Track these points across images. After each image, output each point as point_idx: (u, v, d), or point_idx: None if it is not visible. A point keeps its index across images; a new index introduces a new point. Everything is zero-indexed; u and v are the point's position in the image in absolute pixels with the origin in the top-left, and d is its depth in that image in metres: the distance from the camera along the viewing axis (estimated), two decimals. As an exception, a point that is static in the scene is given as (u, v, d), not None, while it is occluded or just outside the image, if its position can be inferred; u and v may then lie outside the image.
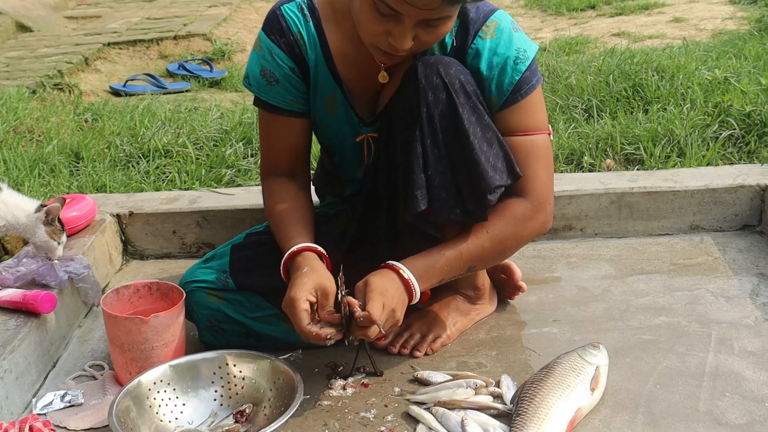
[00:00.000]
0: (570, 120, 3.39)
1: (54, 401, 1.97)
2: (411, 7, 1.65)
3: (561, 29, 6.25)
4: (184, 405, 1.88)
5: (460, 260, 1.91)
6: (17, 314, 2.07)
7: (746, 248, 2.52)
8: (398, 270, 1.86)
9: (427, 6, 1.65)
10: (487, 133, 1.87)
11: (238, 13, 6.84)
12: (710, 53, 4.17)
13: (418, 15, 1.68)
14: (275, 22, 1.96)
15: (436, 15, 1.68)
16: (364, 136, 2.06)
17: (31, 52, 5.65)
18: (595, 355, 1.90)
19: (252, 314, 2.08)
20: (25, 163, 3.28)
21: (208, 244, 2.71)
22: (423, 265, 1.88)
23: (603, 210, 2.64)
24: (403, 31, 1.71)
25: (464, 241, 1.91)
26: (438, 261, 1.89)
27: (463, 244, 1.91)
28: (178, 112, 4.05)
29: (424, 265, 1.89)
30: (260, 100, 2.04)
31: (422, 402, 1.89)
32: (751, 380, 1.89)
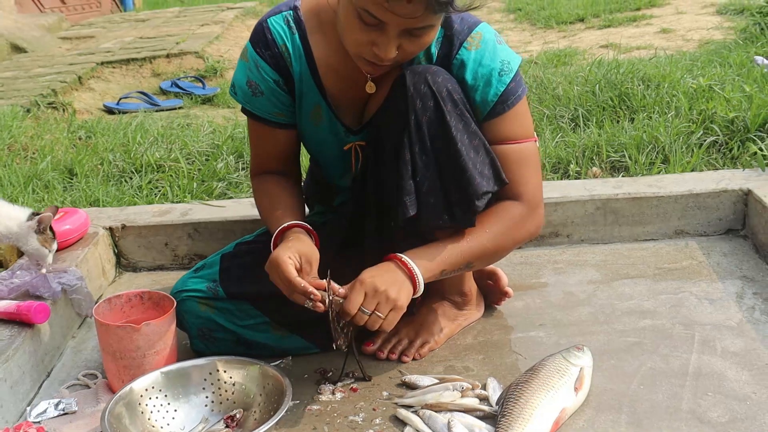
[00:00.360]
0: (557, 129, 3.43)
1: (48, 409, 2.00)
2: (394, 15, 1.69)
3: (550, 42, 6.31)
4: (175, 411, 1.90)
5: (461, 255, 1.94)
6: (11, 325, 2.10)
7: (730, 252, 2.56)
8: (399, 258, 1.89)
9: (411, 15, 1.68)
10: (474, 141, 1.91)
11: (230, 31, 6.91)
12: (696, 62, 4.22)
13: (401, 24, 1.71)
14: (261, 35, 2.00)
15: (419, 24, 1.72)
16: (352, 145, 2.09)
17: (26, 72, 5.70)
18: (579, 356, 1.93)
19: (242, 322, 2.11)
20: (20, 180, 3.31)
21: (199, 256, 2.74)
22: (424, 254, 1.92)
23: (589, 216, 2.68)
24: (387, 41, 1.75)
25: (465, 237, 1.95)
26: (439, 252, 1.93)
27: (464, 240, 1.95)
28: (170, 129, 4.09)
29: (426, 254, 1.92)
30: (247, 110, 2.09)
31: (410, 405, 1.91)
32: (733, 380, 1.92)
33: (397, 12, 1.68)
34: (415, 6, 1.66)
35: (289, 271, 1.82)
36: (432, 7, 1.67)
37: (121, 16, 8.73)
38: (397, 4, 1.66)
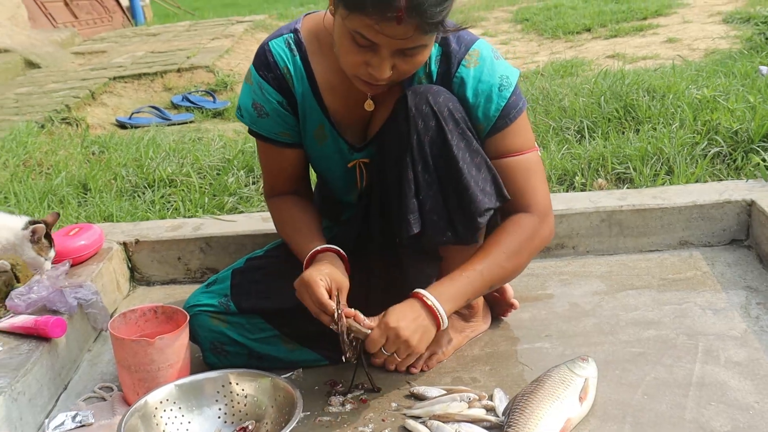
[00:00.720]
0: (563, 141, 3.47)
1: (65, 422, 2.05)
2: (386, 37, 1.72)
3: (557, 52, 6.36)
4: (189, 423, 1.95)
5: (482, 280, 1.97)
6: (29, 339, 2.15)
7: (734, 262, 2.59)
8: (422, 297, 1.91)
9: (402, 36, 1.72)
10: (476, 158, 1.95)
11: (240, 44, 6.98)
12: (701, 73, 4.26)
13: (393, 45, 1.75)
14: (263, 58, 2.05)
15: (411, 44, 1.76)
16: (356, 162, 2.14)
17: (40, 88, 5.78)
18: (583, 367, 1.97)
19: (253, 336, 2.16)
20: (35, 195, 3.38)
21: (211, 269, 2.79)
22: (447, 290, 1.94)
23: (594, 228, 2.72)
24: (380, 61, 1.79)
25: (482, 261, 1.97)
26: (462, 284, 1.95)
27: (483, 264, 1.97)
28: (182, 143, 4.16)
29: (448, 289, 1.94)
30: (254, 131, 2.14)
31: (418, 416, 1.96)
32: (736, 389, 1.96)
33: (388, 34, 1.72)
34: (405, 27, 1.70)
35: (321, 292, 1.87)
36: (422, 28, 1.71)
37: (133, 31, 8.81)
38: (388, 26, 1.70)
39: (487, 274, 1.96)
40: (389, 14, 1.67)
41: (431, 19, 1.70)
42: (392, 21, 1.68)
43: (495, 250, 1.98)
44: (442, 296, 1.91)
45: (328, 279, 1.90)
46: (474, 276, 1.95)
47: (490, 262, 1.97)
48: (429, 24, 1.71)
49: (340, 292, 1.91)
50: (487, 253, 1.98)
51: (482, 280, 1.96)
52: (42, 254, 2.32)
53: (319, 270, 1.91)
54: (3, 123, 4.71)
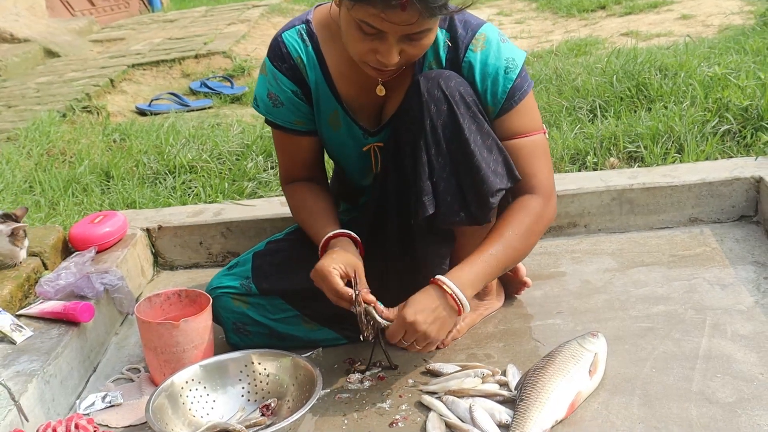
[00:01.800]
0: (576, 121, 3.51)
1: (96, 402, 2.14)
2: (392, 24, 1.78)
3: (571, 30, 6.37)
4: (214, 401, 2.03)
5: (497, 263, 2.02)
6: (59, 324, 2.24)
7: (743, 238, 2.64)
8: (441, 284, 1.96)
9: (407, 22, 1.77)
10: (487, 140, 2.01)
11: (257, 29, 7.02)
12: (713, 50, 4.27)
13: (399, 31, 1.81)
14: (277, 49, 2.12)
15: (416, 29, 1.81)
16: (371, 146, 2.21)
17: (60, 77, 5.86)
18: (593, 342, 2.03)
19: (274, 316, 2.23)
20: (59, 184, 3.46)
21: (233, 253, 2.87)
22: (465, 275, 1.98)
23: (605, 206, 2.77)
24: (388, 48, 1.85)
25: (496, 243, 2.02)
26: (478, 268, 1.99)
27: (496, 247, 2.02)
28: (201, 129, 4.22)
29: (467, 274, 1.98)
30: (269, 120, 2.21)
31: (434, 392, 2.03)
32: (742, 361, 2.01)
33: (393, 21, 1.77)
34: (409, 14, 1.75)
35: (336, 281, 1.94)
36: (426, 13, 1.76)
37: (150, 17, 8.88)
38: (393, 13, 1.75)
39: (501, 257, 2.02)
40: (393, 2, 1.73)
41: (434, 3, 1.75)
42: (396, 8, 1.74)
43: (507, 233, 2.03)
44: (462, 282, 1.96)
45: (342, 266, 1.96)
46: (489, 259, 2.00)
47: (503, 244, 2.02)
48: (432, 8, 1.76)
49: (356, 274, 1.98)
50: (500, 236, 2.03)
51: (497, 263, 2.02)
52: (18, 244, 2.40)
53: (332, 258, 1.98)
54: (26, 113, 4.79)
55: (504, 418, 1.87)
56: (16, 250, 2.41)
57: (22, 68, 6.42)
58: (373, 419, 1.97)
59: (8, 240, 2.38)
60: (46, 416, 2.00)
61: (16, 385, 1.94)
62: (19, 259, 2.44)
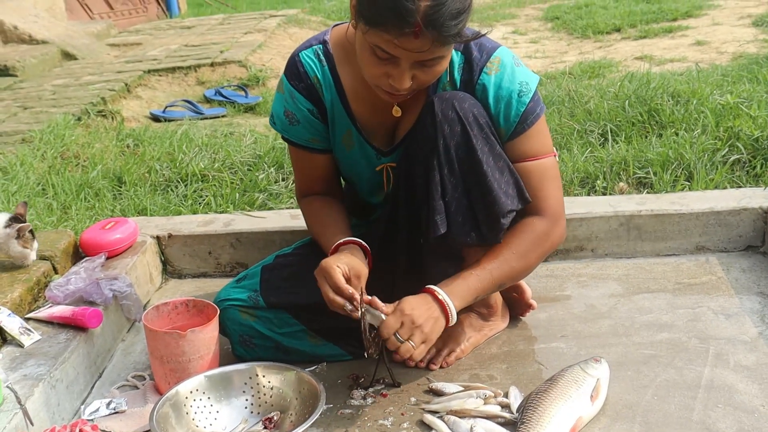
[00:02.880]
0: (586, 144, 3.53)
1: (100, 408, 2.15)
2: (404, 51, 1.81)
3: (586, 52, 6.39)
4: (218, 412, 2.05)
5: (491, 279, 2.06)
6: (67, 329, 2.26)
7: (749, 268, 2.65)
8: (434, 292, 2.01)
9: (419, 49, 1.80)
10: (499, 162, 2.03)
11: (273, 39, 7.06)
12: (726, 77, 4.29)
13: (412, 57, 1.84)
14: (294, 68, 2.15)
15: (429, 56, 1.84)
16: (383, 166, 2.23)
17: (76, 80, 5.89)
18: (596, 368, 2.04)
19: (280, 330, 2.25)
20: (72, 188, 3.49)
21: (241, 264, 2.89)
22: (457, 287, 2.03)
23: (613, 232, 2.78)
24: (400, 73, 1.87)
25: (493, 260, 2.06)
26: (472, 281, 2.04)
27: (493, 264, 2.06)
28: (214, 137, 4.25)
29: (458, 286, 2.03)
30: (286, 138, 2.23)
31: (435, 411, 2.04)
32: (744, 392, 2.02)
33: (406, 47, 1.81)
34: (422, 41, 1.78)
35: (337, 277, 1.96)
36: (439, 41, 1.80)
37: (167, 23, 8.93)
38: (406, 40, 1.79)
39: (496, 274, 2.05)
40: (407, 29, 1.76)
41: (447, 32, 1.78)
42: (410, 36, 1.77)
43: (505, 251, 2.07)
44: (453, 293, 2.01)
45: (346, 267, 1.99)
46: (483, 275, 2.04)
47: (500, 262, 2.06)
48: (445, 37, 1.79)
49: (358, 280, 2.00)
50: (498, 254, 2.07)
51: (491, 279, 2.05)
52: (27, 246, 2.42)
53: (338, 258, 2.01)
54: (41, 115, 4.83)
55: (505, 440, 1.88)
56: (26, 252, 2.43)
57: (39, 70, 6.46)
58: (374, 436, 1.99)
59: (17, 242, 2.39)
60: (51, 421, 2.02)
61: (22, 389, 1.96)
62: (29, 260, 2.46)
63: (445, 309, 1.99)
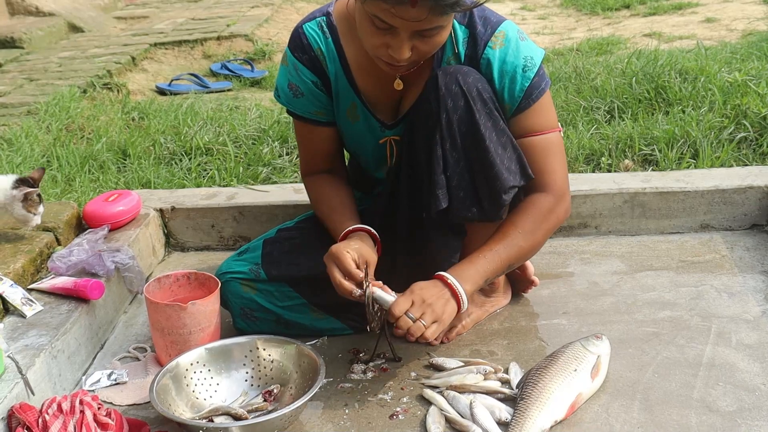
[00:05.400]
0: (592, 121, 3.51)
1: (101, 379, 2.17)
2: (402, 20, 1.79)
3: (594, 29, 6.34)
4: (218, 384, 2.06)
5: (500, 261, 2.05)
6: (69, 300, 2.27)
7: (753, 247, 2.64)
8: (444, 278, 2.00)
9: (417, 18, 1.78)
10: (502, 138, 2.02)
11: (280, 13, 7.02)
12: (735, 55, 4.25)
13: (410, 27, 1.82)
14: (298, 40, 2.14)
15: (427, 26, 1.82)
16: (387, 139, 2.22)
17: (82, 53, 5.88)
18: (597, 345, 2.04)
19: (282, 303, 2.25)
20: (77, 160, 3.48)
21: (244, 238, 2.89)
22: (466, 271, 2.02)
23: (617, 209, 2.77)
24: (400, 43, 1.85)
25: (500, 242, 2.06)
26: (481, 264, 2.03)
27: (501, 245, 2.05)
28: (219, 111, 4.23)
29: (468, 270, 2.02)
30: (290, 111, 2.23)
31: (435, 386, 2.04)
32: (745, 371, 2.02)
33: (404, 17, 1.78)
34: (419, 10, 1.76)
35: (348, 262, 1.95)
36: (436, 10, 1.77)
37: (174, -4, 8.87)
38: (403, 9, 1.76)
39: (504, 255, 2.04)
40: None
41: (444, 1, 1.76)
42: (406, 4, 1.75)
43: (512, 231, 2.05)
44: (462, 278, 2.00)
45: (356, 253, 1.98)
46: (492, 257, 2.03)
47: (508, 242, 2.05)
48: (442, 6, 1.77)
49: (368, 266, 1.99)
50: (505, 234, 2.05)
51: (500, 260, 2.04)
52: (32, 211, 2.40)
53: (348, 244, 2.01)
54: (47, 87, 4.81)
55: (504, 415, 1.88)
56: (29, 216, 2.41)
57: (45, 42, 6.44)
58: (373, 410, 1.99)
59: (21, 205, 2.38)
60: (53, 391, 2.02)
61: (24, 359, 1.97)
62: (32, 224, 2.43)
63: (456, 294, 1.98)
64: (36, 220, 2.44)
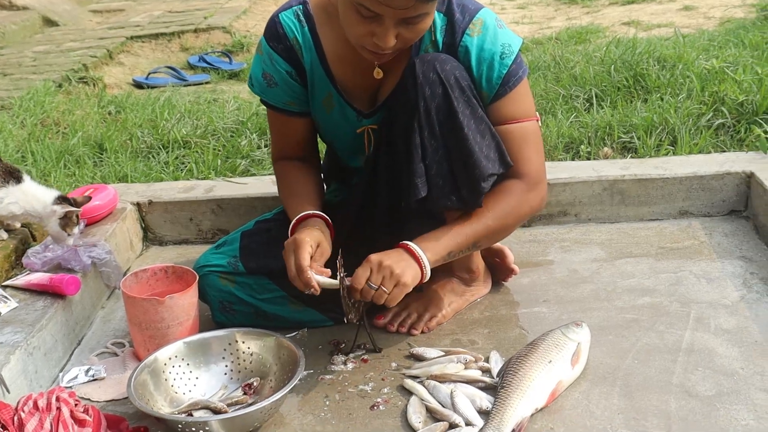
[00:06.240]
0: (571, 110, 3.51)
1: (79, 375, 2.14)
2: (389, 8, 1.78)
3: (573, 18, 6.34)
4: (197, 378, 2.04)
5: (466, 237, 2.05)
6: (45, 296, 2.24)
7: (731, 232, 2.64)
8: (407, 246, 2.00)
9: (403, 6, 1.78)
10: (480, 125, 2.01)
11: (258, 5, 6.98)
12: (713, 42, 4.26)
13: (396, 15, 1.81)
14: (273, 29, 2.12)
15: (413, 13, 1.82)
16: (364, 128, 2.20)
17: (57, 47, 5.82)
18: (577, 332, 2.04)
19: (260, 296, 2.23)
20: (52, 155, 3.45)
21: (222, 231, 2.87)
22: (431, 239, 2.02)
23: (596, 196, 2.77)
24: (384, 31, 1.85)
25: (469, 219, 2.06)
26: (445, 236, 2.03)
27: (469, 222, 2.05)
28: (197, 104, 4.21)
29: (432, 239, 2.02)
30: (264, 100, 2.21)
31: (416, 376, 2.04)
32: (723, 356, 2.02)
33: (390, 4, 1.78)
34: None
35: (304, 258, 1.94)
36: None
37: (151, -11, 8.80)
38: None
39: (471, 232, 2.05)
40: None
41: None
42: None
43: (483, 212, 2.06)
44: (425, 246, 2.00)
45: (316, 244, 1.98)
46: (458, 231, 2.04)
47: (476, 221, 2.05)
48: None
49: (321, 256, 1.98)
50: (475, 214, 2.06)
51: (466, 237, 2.04)
52: (67, 230, 2.38)
53: (310, 235, 1.98)
54: (21, 81, 4.76)
55: (485, 404, 1.88)
56: (63, 234, 2.38)
57: (20, 36, 6.37)
58: (354, 401, 1.98)
59: (58, 222, 2.36)
60: (29, 388, 2.00)
61: (-1, 356, 1.94)
62: (66, 243, 2.40)
63: (418, 260, 1.97)
64: (69, 240, 2.41)
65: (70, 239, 2.40)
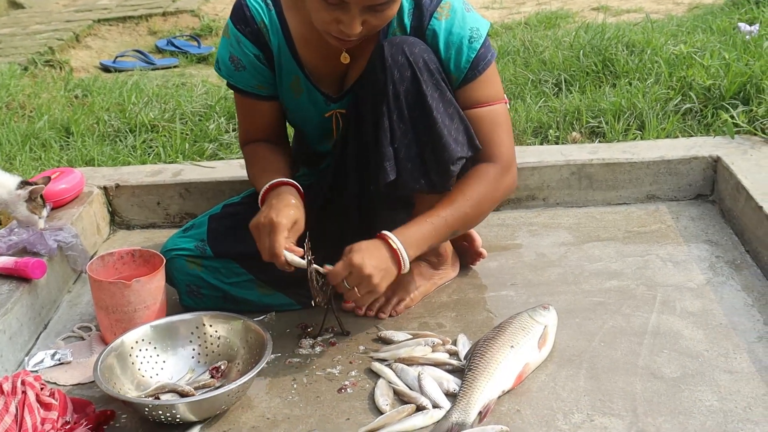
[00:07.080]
0: (540, 94, 3.52)
1: (45, 359, 2.13)
2: None
3: (543, 3, 6.34)
4: (164, 362, 2.03)
5: (446, 226, 2.04)
6: (10, 280, 2.22)
7: (698, 216, 2.67)
8: (387, 239, 1.98)
9: None
10: (449, 109, 2.01)
11: (227, -12, 6.93)
12: (681, 28, 4.29)
13: (362, 2, 1.81)
14: (240, 12, 2.10)
15: (379, 0, 1.82)
16: (333, 112, 2.20)
17: (23, 29, 5.75)
18: (544, 315, 2.05)
19: (228, 280, 2.23)
20: (17, 138, 3.40)
21: (190, 214, 2.85)
22: (412, 235, 2.01)
23: (564, 181, 2.78)
24: (351, 19, 1.84)
25: (447, 208, 2.04)
26: (426, 228, 2.02)
27: (447, 211, 2.04)
28: (165, 88, 4.17)
29: (413, 234, 2.01)
30: (231, 84, 2.19)
31: (384, 359, 2.04)
32: (689, 338, 2.05)
33: None
34: None
35: (279, 243, 1.92)
36: None
37: (119, -28, 8.70)
38: None
39: (450, 221, 2.04)
40: None
41: None
42: None
43: (459, 198, 2.05)
44: (407, 240, 1.98)
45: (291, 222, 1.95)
46: (438, 222, 2.03)
47: (454, 209, 2.04)
48: None
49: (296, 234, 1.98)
50: (452, 201, 2.05)
51: (446, 226, 2.04)
52: (36, 212, 2.36)
53: (287, 214, 1.95)
54: (-14, 64, 4.71)
55: (452, 387, 1.89)
56: (33, 217, 2.37)
57: (-16, 19, 6.30)
58: (322, 384, 1.98)
59: (25, 206, 2.34)
60: (-7, 372, 1.98)
61: (-38, 340, 1.92)
62: (38, 226, 2.39)
63: (398, 256, 1.97)
64: (41, 223, 2.39)
65: (41, 222, 2.39)
